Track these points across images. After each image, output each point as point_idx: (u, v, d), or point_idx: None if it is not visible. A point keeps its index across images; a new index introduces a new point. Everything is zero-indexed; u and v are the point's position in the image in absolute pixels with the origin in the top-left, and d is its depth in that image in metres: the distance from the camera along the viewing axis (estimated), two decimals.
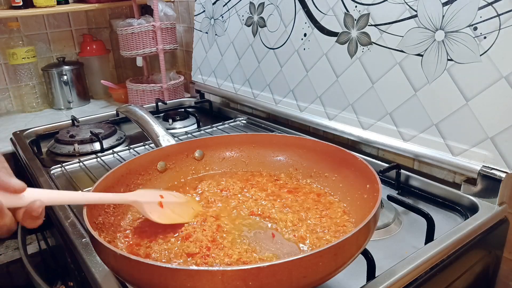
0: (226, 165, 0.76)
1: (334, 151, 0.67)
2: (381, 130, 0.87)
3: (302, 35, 1.01)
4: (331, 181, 0.67)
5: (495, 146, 0.70)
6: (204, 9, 1.35)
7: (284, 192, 0.68)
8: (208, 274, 0.40)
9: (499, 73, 0.68)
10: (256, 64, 1.17)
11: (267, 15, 1.11)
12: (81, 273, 0.64)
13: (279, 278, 0.41)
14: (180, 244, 0.55)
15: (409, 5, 0.78)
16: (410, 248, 0.63)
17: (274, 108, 1.14)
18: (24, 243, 1.08)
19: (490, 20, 0.68)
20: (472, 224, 0.66)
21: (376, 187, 0.54)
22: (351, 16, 0.89)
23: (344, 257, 0.45)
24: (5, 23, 1.54)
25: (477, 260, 0.69)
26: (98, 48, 1.76)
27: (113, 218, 0.59)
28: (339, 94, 0.95)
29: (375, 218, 0.49)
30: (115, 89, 1.70)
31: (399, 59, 0.81)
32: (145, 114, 0.85)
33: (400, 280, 0.54)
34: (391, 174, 0.81)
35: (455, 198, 0.75)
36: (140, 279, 0.43)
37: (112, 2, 1.62)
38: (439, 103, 0.76)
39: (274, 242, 0.56)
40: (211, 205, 0.65)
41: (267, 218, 0.61)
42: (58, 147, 1.09)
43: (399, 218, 0.71)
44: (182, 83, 1.58)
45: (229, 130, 1.18)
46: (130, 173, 0.66)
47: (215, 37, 1.31)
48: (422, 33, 0.77)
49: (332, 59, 0.95)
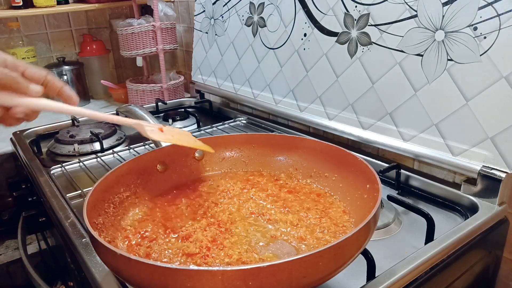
0: (226, 165, 0.76)
1: (334, 151, 0.67)
2: (381, 130, 0.87)
3: (302, 35, 1.01)
4: (331, 181, 0.67)
5: (495, 146, 0.70)
6: (204, 9, 1.35)
7: (284, 192, 0.68)
8: (208, 274, 0.40)
9: (499, 73, 0.68)
10: (256, 64, 1.17)
11: (267, 15, 1.11)
12: (81, 273, 0.64)
13: (279, 278, 0.41)
14: (180, 244, 0.55)
15: (409, 5, 0.78)
16: (410, 248, 0.63)
17: (274, 108, 1.14)
18: (24, 243, 1.08)
19: (490, 20, 0.68)
20: (472, 224, 0.66)
21: (376, 187, 0.54)
22: (351, 16, 0.89)
23: (344, 257, 0.45)
24: (5, 23, 1.54)
25: (477, 260, 0.69)
26: (98, 48, 1.76)
27: (113, 218, 0.59)
28: (339, 94, 0.95)
29: (375, 218, 0.49)
30: (115, 89, 1.70)
31: (399, 59, 0.81)
32: (145, 114, 0.85)
33: (400, 280, 0.54)
34: (391, 174, 0.81)
35: (455, 198, 0.75)
36: (140, 279, 0.43)
37: (112, 2, 1.62)
38: (439, 103, 0.77)
39: (274, 242, 0.56)
40: (212, 206, 0.65)
41: (267, 218, 0.61)
42: (58, 147, 1.09)
43: (399, 218, 0.71)
44: (182, 83, 1.58)
45: (229, 130, 1.18)
46: (130, 173, 0.66)
47: (215, 37, 1.31)
48: (422, 33, 0.77)
49: (332, 59, 0.95)
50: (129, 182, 0.66)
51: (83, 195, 0.83)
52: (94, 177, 0.93)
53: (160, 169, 0.71)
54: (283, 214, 0.61)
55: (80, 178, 0.93)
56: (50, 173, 0.95)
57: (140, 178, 0.68)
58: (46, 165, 0.99)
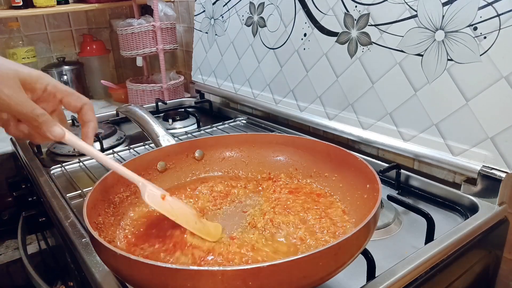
0: (226, 165, 0.76)
1: (334, 151, 0.67)
2: (381, 130, 0.87)
3: (302, 35, 1.01)
4: (331, 181, 0.67)
5: (495, 146, 0.70)
6: (204, 9, 1.35)
7: (285, 192, 0.68)
8: (208, 274, 0.40)
9: (499, 73, 0.68)
10: (256, 64, 1.17)
11: (267, 15, 1.11)
12: (81, 273, 0.64)
13: (279, 278, 0.41)
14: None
15: (409, 5, 0.78)
16: (410, 248, 0.63)
17: (274, 108, 1.14)
18: (24, 243, 1.08)
19: (490, 20, 0.68)
20: (472, 224, 0.66)
21: (376, 187, 0.54)
22: (351, 16, 0.89)
23: (344, 257, 0.45)
24: (5, 23, 1.54)
25: (477, 260, 0.69)
26: (98, 48, 1.76)
27: (113, 218, 0.59)
28: (339, 94, 0.95)
29: (375, 218, 0.49)
30: (115, 89, 1.70)
31: (399, 59, 0.81)
32: (145, 114, 0.85)
33: (400, 280, 0.54)
34: (391, 174, 0.81)
35: (455, 198, 0.75)
36: (140, 279, 0.43)
37: (112, 2, 1.62)
38: (439, 103, 0.77)
39: (275, 242, 0.56)
40: (212, 206, 0.65)
41: (267, 218, 0.61)
42: (58, 147, 1.09)
43: (399, 218, 0.71)
44: (182, 83, 1.58)
45: (229, 130, 1.18)
46: None
47: (215, 37, 1.31)
48: (422, 33, 0.77)
49: (332, 59, 0.95)
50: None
51: (83, 195, 0.83)
52: (94, 177, 0.93)
53: (160, 169, 0.71)
54: (283, 215, 0.61)
55: (80, 178, 0.93)
56: (50, 173, 0.95)
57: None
58: (46, 165, 0.99)
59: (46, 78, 0.51)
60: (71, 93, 0.54)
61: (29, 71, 0.49)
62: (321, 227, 0.58)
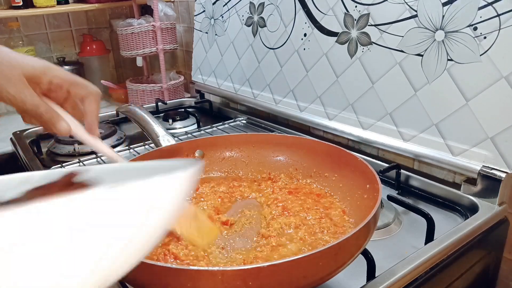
0: (226, 165, 0.76)
1: (334, 151, 0.67)
2: (381, 130, 0.87)
3: (302, 35, 1.01)
4: (331, 181, 0.67)
5: (495, 146, 0.70)
6: (204, 9, 1.35)
7: (285, 193, 0.68)
8: (208, 274, 0.40)
9: (499, 73, 0.68)
10: (256, 64, 1.17)
11: (267, 15, 1.11)
12: None
13: (279, 278, 0.41)
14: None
15: (409, 5, 0.78)
16: (410, 248, 0.63)
17: (274, 108, 1.14)
18: None
19: (490, 20, 0.68)
20: (472, 224, 0.66)
21: (376, 187, 0.54)
22: (351, 16, 0.89)
23: (344, 257, 0.45)
24: (5, 23, 1.54)
25: (477, 260, 0.69)
26: (98, 48, 1.76)
27: None
28: (339, 94, 0.95)
29: (375, 218, 0.49)
30: (115, 89, 1.70)
31: (399, 59, 0.81)
32: (145, 114, 0.85)
33: (400, 280, 0.54)
34: (391, 174, 0.81)
35: (455, 198, 0.75)
36: (140, 279, 0.43)
37: (112, 2, 1.62)
38: (439, 103, 0.77)
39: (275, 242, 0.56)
40: (212, 206, 0.65)
41: (267, 219, 0.61)
42: (58, 147, 1.09)
43: (399, 218, 0.71)
44: (182, 83, 1.58)
45: (229, 130, 1.18)
46: None
47: (215, 37, 1.31)
48: (422, 33, 0.77)
49: (332, 59, 0.95)
50: None
51: None
52: None
53: None
54: (283, 215, 0.61)
55: None
56: None
57: None
58: (46, 165, 0.99)
59: (52, 69, 0.50)
60: (76, 83, 0.52)
61: (33, 66, 0.49)
62: (321, 227, 0.58)
